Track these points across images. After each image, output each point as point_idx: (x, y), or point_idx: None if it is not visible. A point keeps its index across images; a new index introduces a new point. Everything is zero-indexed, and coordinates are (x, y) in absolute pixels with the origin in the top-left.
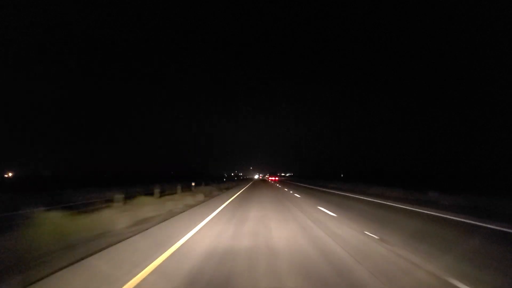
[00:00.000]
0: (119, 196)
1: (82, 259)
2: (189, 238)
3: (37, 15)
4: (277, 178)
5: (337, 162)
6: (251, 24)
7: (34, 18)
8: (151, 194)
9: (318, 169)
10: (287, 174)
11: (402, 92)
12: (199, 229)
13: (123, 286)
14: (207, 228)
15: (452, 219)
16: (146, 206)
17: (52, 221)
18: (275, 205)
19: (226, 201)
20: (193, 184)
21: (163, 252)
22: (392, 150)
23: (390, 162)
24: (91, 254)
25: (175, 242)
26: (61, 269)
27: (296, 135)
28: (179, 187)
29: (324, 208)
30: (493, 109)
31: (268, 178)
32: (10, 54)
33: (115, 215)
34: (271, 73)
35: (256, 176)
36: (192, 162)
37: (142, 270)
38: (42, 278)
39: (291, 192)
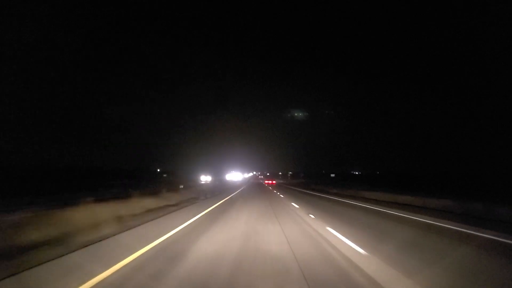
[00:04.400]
0: None
1: None
2: None
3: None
4: (274, 182)
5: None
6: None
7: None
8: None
9: (311, 169)
10: (289, 173)
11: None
12: None
13: None
14: None
15: None
16: None
17: None
18: None
19: None
20: None
21: None
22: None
23: (394, 163)
24: None
25: None
26: None
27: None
28: None
29: None
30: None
31: (264, 182)
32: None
33: None
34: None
35: (251, 174)
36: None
37: None
38: None
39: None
